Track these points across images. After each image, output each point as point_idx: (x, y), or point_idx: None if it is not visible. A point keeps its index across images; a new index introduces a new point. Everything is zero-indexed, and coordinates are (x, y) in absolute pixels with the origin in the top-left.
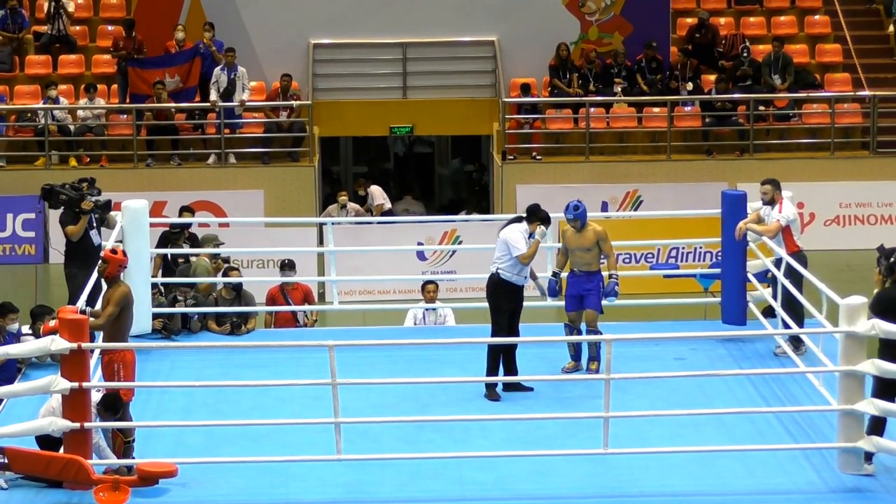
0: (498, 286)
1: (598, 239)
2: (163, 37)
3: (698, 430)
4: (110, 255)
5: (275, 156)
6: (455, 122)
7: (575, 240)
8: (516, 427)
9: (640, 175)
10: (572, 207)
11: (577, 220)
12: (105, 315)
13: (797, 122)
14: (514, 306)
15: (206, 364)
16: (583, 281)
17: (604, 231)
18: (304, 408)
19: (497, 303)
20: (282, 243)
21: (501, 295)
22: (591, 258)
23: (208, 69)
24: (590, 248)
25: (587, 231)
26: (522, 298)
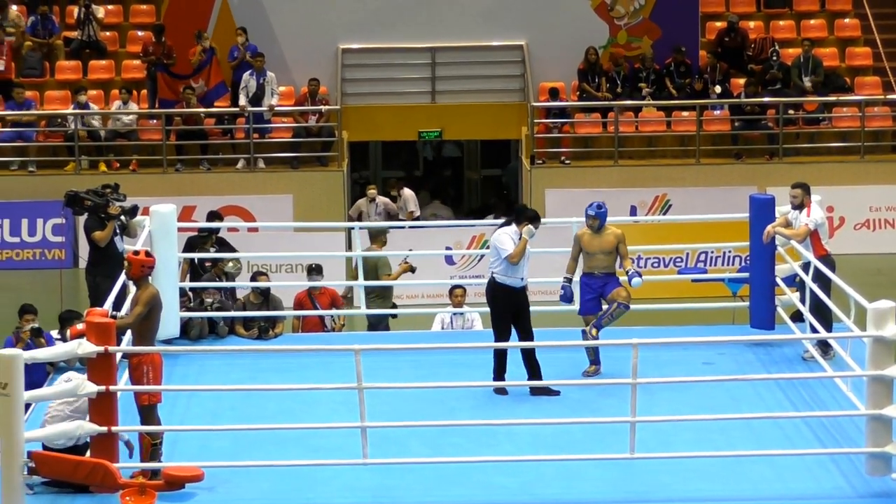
0: (495, 290)
1: (618, 242)
2: (192, 42)
3: (726, 434)
4: (132, 257)
5: (304, 160)
6: (484, 127)
7: (595, 243)
8: (542, 431)
9: (668, 179)
10: (595, 206)
11: (597, 220)
12: (133, 314)
13: (827, 126)
14: (515, 309)
15: (234, 368)
16: (601, 283)
17: (622, 234)
18: (330, 412)
19: (496, 307)
20: (310, 248)
21: (500, 298)
22: (612, 261)
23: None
24: (610, 252)
25: (607, 234)
26: (524, 300)
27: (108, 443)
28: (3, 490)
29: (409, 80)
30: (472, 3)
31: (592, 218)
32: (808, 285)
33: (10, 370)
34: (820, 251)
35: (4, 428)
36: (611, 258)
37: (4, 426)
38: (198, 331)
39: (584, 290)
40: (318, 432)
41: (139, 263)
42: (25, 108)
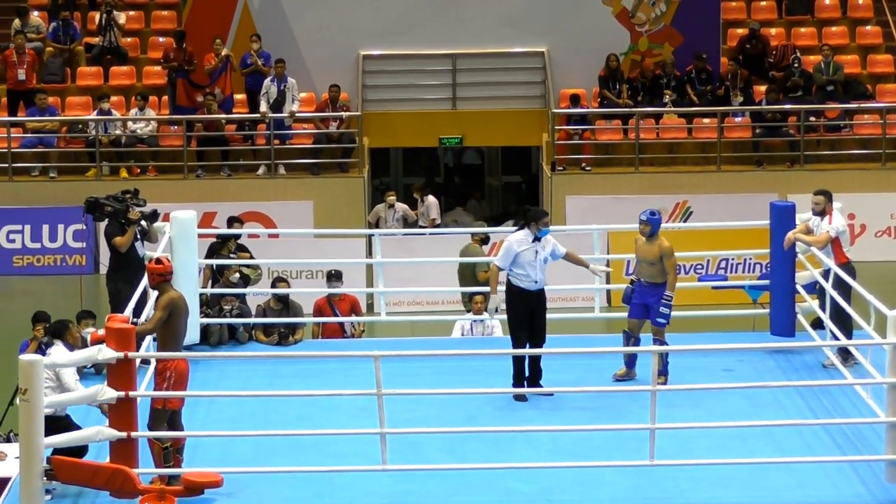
0: (509, 291)
1: (661, 254)
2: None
3: (746, 442)
4: (151, 266)
5: (324, 167)
6: (504, 133)
7: (643, 250)
8: (562, 438)
9: (689, 186)
10: (648, 212)
11: (648, 226)
12: (153, 320)
13: (848, 133)
14: (530, 311)
15: (254, 374)
16: (647, 291)
17: (670, 248)
18: (350, 418)
19: (511, 308)
20: (330, 254)
21: (514, 299)
22: (655, 272)
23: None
24: (653, 262)
25: (654, 244)
26: (539, 303)
27: (127, 448)
28: (22, 495)
29: (430, 86)
30: (492, 10)
31: (644, 223)
32: (829, 292)
33: (30, 376)
34: (841, 259)
35: (24, 433)
36: (654, 269)
37: (25, 432)
38: (217, 337)
39: (635, 295)
40: (337, 438)
41: (154, 272)
42: (49, 114)
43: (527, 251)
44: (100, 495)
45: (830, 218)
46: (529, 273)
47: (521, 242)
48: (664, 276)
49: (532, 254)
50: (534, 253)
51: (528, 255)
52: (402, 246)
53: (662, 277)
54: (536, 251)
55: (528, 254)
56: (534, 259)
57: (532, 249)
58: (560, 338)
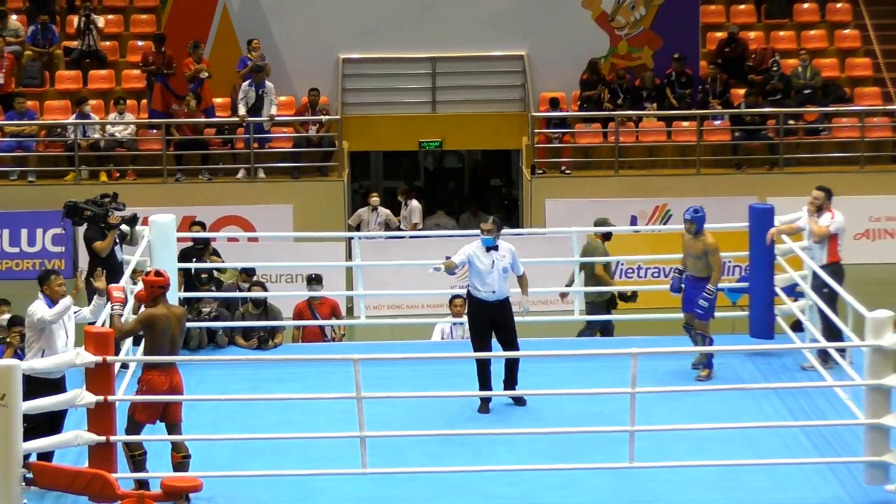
0: (469, 302)
1: (706, 250)
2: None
3: (724, 444)
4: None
5: (304, 170)
6: (484, 137)
7: (689, 246)
8: (542, 441)
9: (669, 189)
10: (692, 210)
11: (693, 224)
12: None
13: (827, 136)
14: (490, 323)
15: (233, 378)
16: (692, 286)
17: (714, 245)
18: (330, 422)
19: (470, 319)
20: (310, 258)
21: (472, 311)
22: (701, 266)
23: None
24: (698, 257)
25: (699, 240)
26: (502, 314)
27: (106, 453)
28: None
29: (410, 89)
30: (472, 13)
31: (688, 222)
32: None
33: (7, 381)
34: (833, 257)
35: (2, 439)
36: (700, 263)
37: (2, 437)
38: (196, 341)
39: (686, 289)
40: (317, 442)
41: (155, 285)
42: (27, 118)
43: (483, 260)
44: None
45: (832, 214)
46: (486, 283)
47: (471, 252)
48: (709, 270)
49: (488, 263)
50: (490, 262)
51: (484, 263)
52: (383, 249)
53: (707, 272)
54: (493, 261)
55: (484, 262)
56: (490, 268)
57: (488, 258)
58: (539, 341)
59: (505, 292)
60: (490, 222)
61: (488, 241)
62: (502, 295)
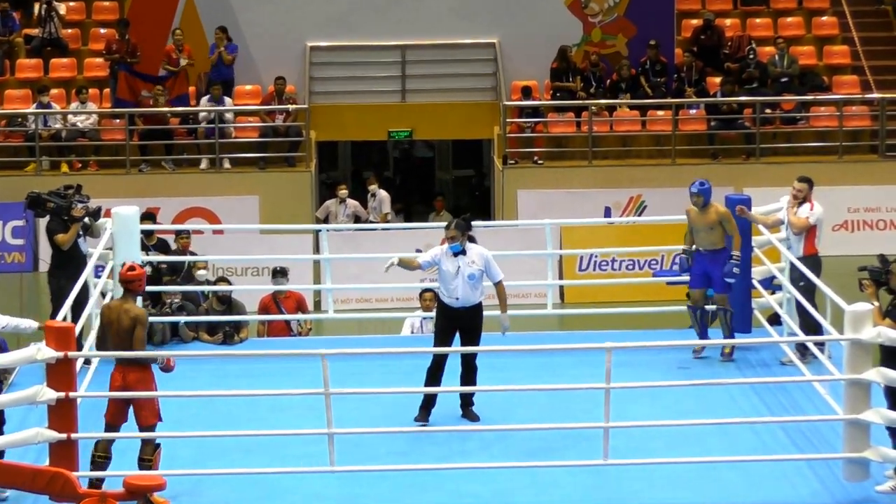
0: (437, 304)
1: (720, 219)
2: (157, 39)
3: (700, 440)
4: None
5: (270, 161)
6: (455, 126)
7: (698, 219)
8: (514, 438)
9: (643, 179)
10: (698, 183)
11: (701, 197)
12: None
13: (804, 126)
14: (453, 330)
15: (198, 374)
16: (708, 260)
17: (727, 212)
18: (297, 418)
19: (436, 321)
20: (277, 250)
21: (438, 313)
22: (716, 238)
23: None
24: (712, 227)
25: (710, 210)
26: (468, 321)
27: (67, 451)
28: None
29: (379, 78)
30: (443, 1)
31: (696, 195)
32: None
33: None
34: (810, 249)
35: None
36: (714, 235)
37: None
38: (160, 336)
39: (694, 265)
40: (284, 439)
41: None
42: None
43: (449, 264)
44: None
45: (812, 205)
46: (450, 288)
47: (437, 254)
48: (724, 240)
49: (453, 267)
50: (455, 268)
51: (449, 268)
52: (351, 242)
53: (723, 243)
54: (458, 266)
55: (449, 267)
56: (454, 274)
57: (454, 264)
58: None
59: (471, 300)
60: (453, 227)
61: (454, 248)
62: (467, 302)
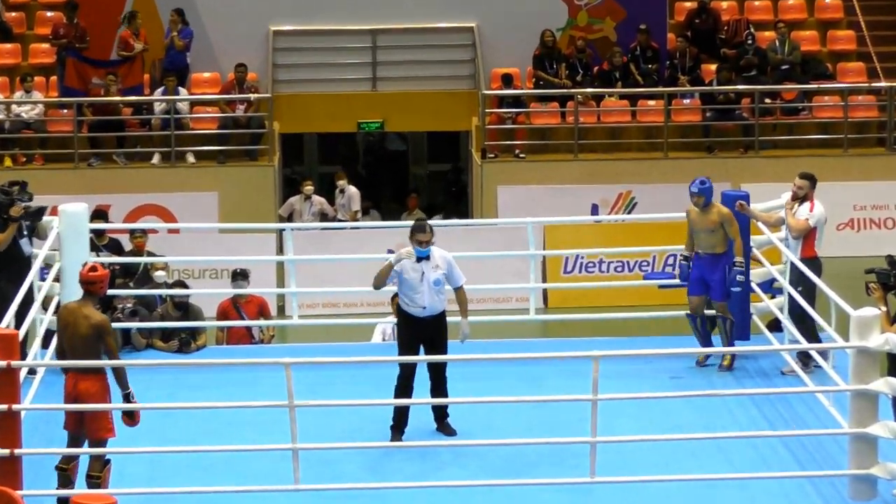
0: (397, 315)
1: (721, 221)
2: (108, 23)
3: (695, 456)
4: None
5: (230, 154)
6: (430, 117)
7: (699, 220)
8: (494, 453)
9: (634, 175)
10: (698, 182)
11: (702, 197)
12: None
13: (807, 117)
14: (420, 342)
15: (152, 385)
16: (707, 265)
17: (729, 214)
18: (259, 433)
19: (399, 334)
20: (237, 251)
21: (401, 326)
22: (716, 240)
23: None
24: (713, 230)
25: (711, 212)
26: (436, 333)
27: (10, 467)
28: None
29: (348, 65)
30: None
31: (696, 195)
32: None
33: None
34: (809, 252)
35: None
36: (715, 238)
37: None
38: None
39: (693, 269)
40: (245, 455)
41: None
42: None
43: (412, 271)
44: None
45: (812, 206)
46: (415, 297)
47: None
48: (725, 244)
49: (417, 274)
50: (419, 274)
51: (412, 275)
52: (318, 241)
53: (724, 246)
54: (423, 272)
55: (412, 274)
56: (419, 281)
57: (418, 269)
58: (491, 342)
59: (438, 307)
60: (429, 231)
61: (422, 253)
62: (434, 310)
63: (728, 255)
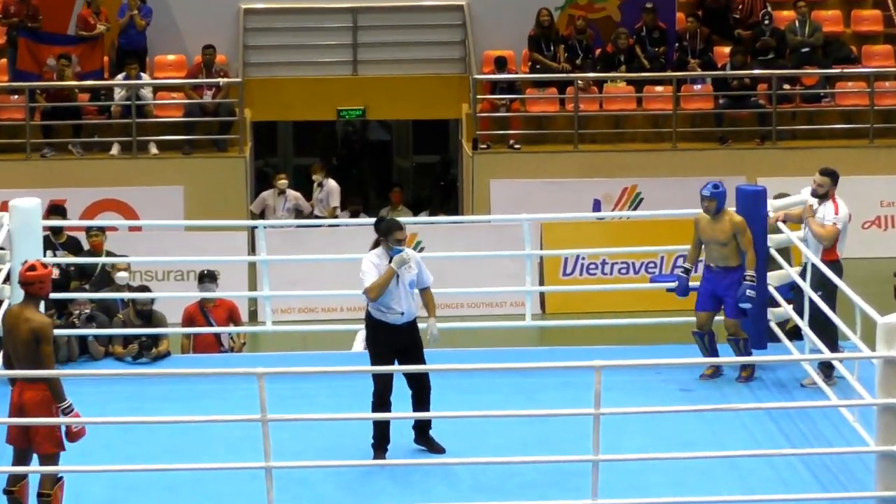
0: (371, 327)
1: (734, 231)
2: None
3: (707, 476)
4: (45, 273)
5: (197, 144)
6: (416, 104)
7: (709, 230)
8: (486, 473)
9: (639, 167)
10: (711, 186)
11: (714, 202)
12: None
13: (829, 104)
14: (397, 352)
15: (111, 397)
16: (719, 279)
17: (743, 223)
18: (228, 450)
19: (373, 347)
20: (205, 250)
21: (377, 338)
22: (729, 252)
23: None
24: (725, 242)
25: (723, 220)
26: (411, 338)
27: None
28: None
29: (327, 47)
30: None
31: (708, 199)
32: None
33: None
34: (830, 255)
35: None
36: (727, 249)
37: None
38: (66, 352)
39: (701, 283)
40: (213, 475)
41: (46, 278)
42: None
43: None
44: None
45: (836, 207)
46: (392, 303)
47: (378, 265)
48: (739, 257)
49: (394, 278)
50: (395, 277)
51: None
52: (293, 240)
53: (738, 259)
54: (398, 274)
55: None
56: (396, 285)
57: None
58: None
59: (414, 312)
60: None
61: (399, 251)
62: (411, 316)
63: (742, 269)
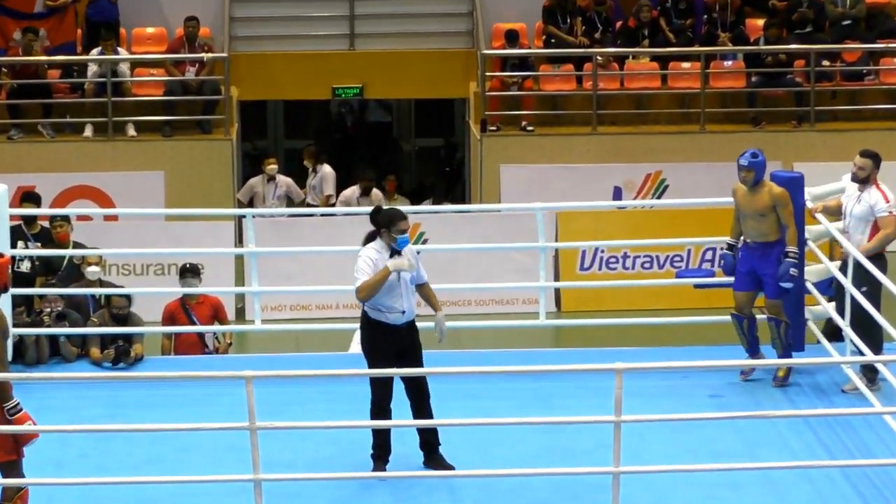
0: (368, 329)
1: (774, 203)
2: None
3: (739, 490)
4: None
5: (179, 126)
6: (419, 82)
7: (746, 202)
8: (496, 486)
9: (664, 152)
10: (749, 154)
11: (752, 172)
12: None
13: (872, 82)
14: (396, 355)
15: (86, 403)
16: (757, 255)
17: (784, 194)
18: (213, 461)
19: (371, 350)
20: (187, 242)
21: (375, 340)
22: (768, 227)
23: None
24: (764, 214)
25: (762, 191)
26: (411, 342)
27: None
28: None
29: (321, 19)
30: None
31: (746, 170)
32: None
33: None
34: None
35: None
36: (766, 223)
37: None
38: (34, 353)
39: (740, 261)
40: (197, 487)
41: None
42: None
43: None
44: None
45: (885, 196)
46: (392, 303)
47: (378, 260)
48: (779, 231)
49: (395, 275)
50: (396, 274)
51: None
52: (285, 231)
53: (778, 234)
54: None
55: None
56: (396, 281)
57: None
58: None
59: (414, 310)
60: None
61: (404, 242)
62: (412, 314)
63: (782, 243)
